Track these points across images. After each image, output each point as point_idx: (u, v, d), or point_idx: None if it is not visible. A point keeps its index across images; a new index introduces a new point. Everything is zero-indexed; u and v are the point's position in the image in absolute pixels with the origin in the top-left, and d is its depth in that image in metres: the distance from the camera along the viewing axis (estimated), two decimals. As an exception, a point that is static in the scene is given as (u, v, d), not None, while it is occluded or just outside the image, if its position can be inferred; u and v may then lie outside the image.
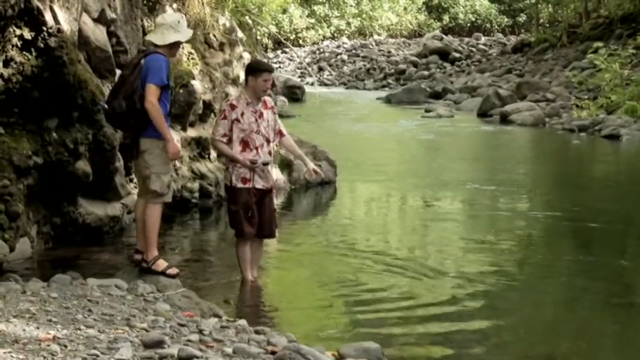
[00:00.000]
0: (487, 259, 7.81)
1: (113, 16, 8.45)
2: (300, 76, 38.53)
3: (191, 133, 10.07)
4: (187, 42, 8.35)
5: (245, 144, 6.49)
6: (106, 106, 6.35)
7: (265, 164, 6.57)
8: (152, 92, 6.09)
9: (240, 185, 6.50)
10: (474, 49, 43.06)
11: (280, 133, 6.74)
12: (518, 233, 9.10)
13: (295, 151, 6.97)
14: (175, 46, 6.45)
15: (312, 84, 35.10)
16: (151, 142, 6.21)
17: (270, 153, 6.60)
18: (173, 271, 6.31)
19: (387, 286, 6.75)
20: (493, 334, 5.71)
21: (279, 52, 44.27)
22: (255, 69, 6.62)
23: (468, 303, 6.32)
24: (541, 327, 5.97)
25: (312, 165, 6.86)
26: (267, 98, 6.71)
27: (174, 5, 10.43)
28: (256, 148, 6.50)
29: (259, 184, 6.53)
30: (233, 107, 6.52)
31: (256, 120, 6.51)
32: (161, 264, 6.29)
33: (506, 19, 54.87)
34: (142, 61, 6.25)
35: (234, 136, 6.48)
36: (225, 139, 6.50)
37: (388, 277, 7.01)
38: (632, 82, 21.95)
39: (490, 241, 8.56)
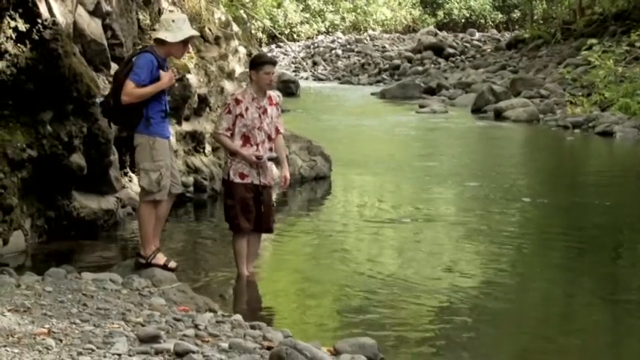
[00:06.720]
0: (480, 258, 7.81)
1: (108, 9, 8.42)
2: (294, 71, 38.49)
3: (186, 127, 10.04)
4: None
5: (246, 139, 6.45)
6: (98, 102, 6.43)
7: (271, 160, 6.55)
8: (127, 87, 6.08)
9: (237, 180, 6.47)
10: (468, 44, 43.03)
11: (277, 130, 6.68)
12: (510, 232, 9.08)
13: (281, 154, 6.68)
14: (186, 43, 6.44)
15: (306, 78, 35.12)
16: (141, 137, 6.23)
17: (270, 149, 6.56)
18: (173, 264, 6.34)
19: (383, 283, 6.74)
20: (487, 331, 5.73)
21: (273, 46, 44.14)
22: (256, 62, 6.57)
23: (461, 300, 6.32)
24: (534, 323, 5.98)
25: (286, 172, 6.67)
26: (272, 93, 6.67)
27: (170, -1, 10.40)
28: (257, 144, 6.47)
29: (257, 179, 6.51)
30: (238, 102, 6.48)
31: (260, 116, 6.47)
32: (160, 257, 6.30)
33: (500, 15, 54.86)
34: (133, 59, 6.27)
35: (236, 131, 6.44)
36: (228, 134, 6.46)
37: (384, 274, 7.00)
38: (626, 79, 21.94)
39: (483, 239, 8.54)
